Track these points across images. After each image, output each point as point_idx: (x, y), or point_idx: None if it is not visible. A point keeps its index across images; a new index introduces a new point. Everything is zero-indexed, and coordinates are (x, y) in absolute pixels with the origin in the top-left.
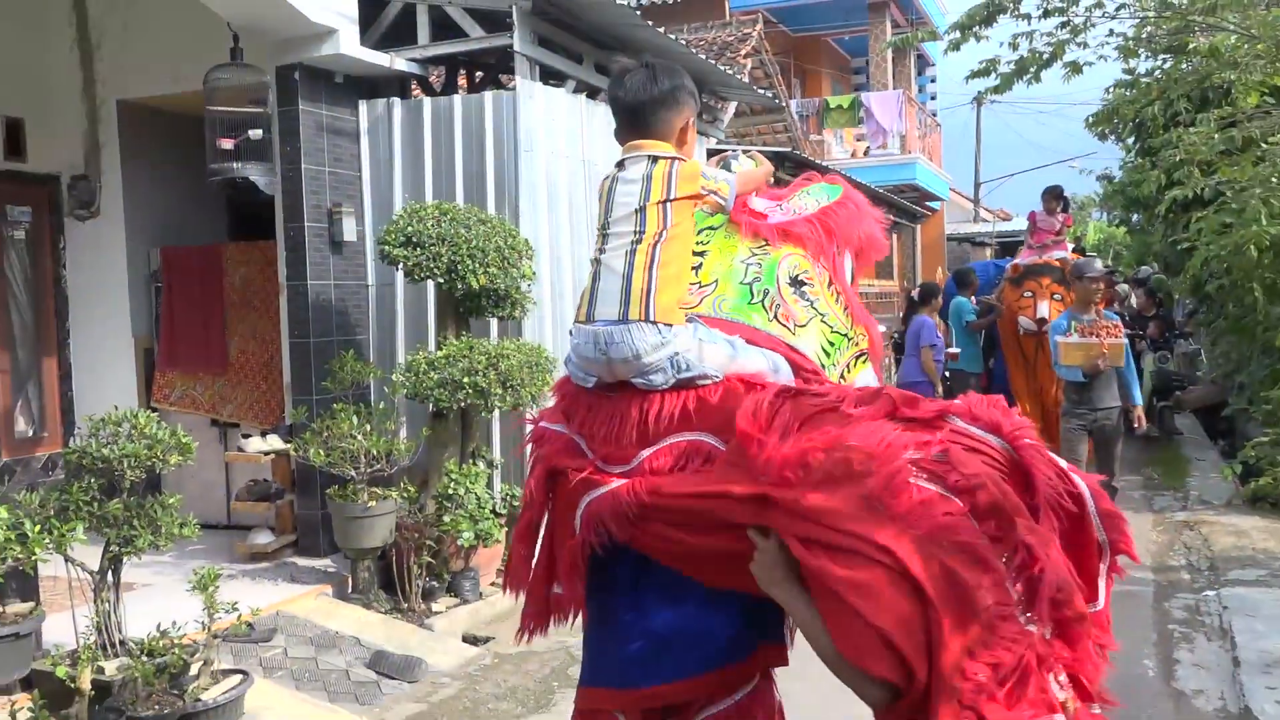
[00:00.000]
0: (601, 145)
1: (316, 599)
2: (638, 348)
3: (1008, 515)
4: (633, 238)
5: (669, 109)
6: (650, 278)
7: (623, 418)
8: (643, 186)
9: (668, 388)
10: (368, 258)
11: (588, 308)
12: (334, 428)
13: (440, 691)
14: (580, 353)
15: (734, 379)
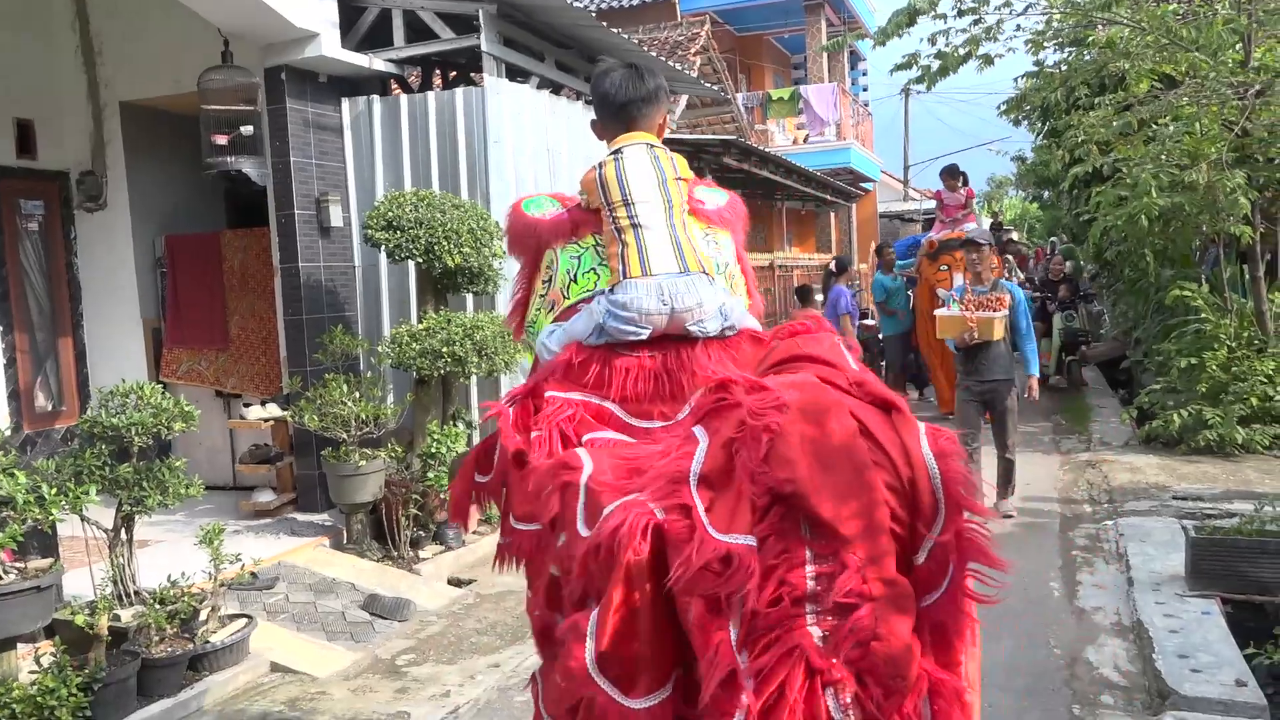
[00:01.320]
0: (564, 136)
1: (315, 550)
2: (701, 296)
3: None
4: (666, 205)
5: (652, 105)
6: (690, 238)
7: (669, 373)
8: (656, 165)
9: (712, 336)
10: (354, 241)
11: (640, 264)
12: (326, 395)
13: (428, 628)
14: (639, 306)
15: (745, 331)
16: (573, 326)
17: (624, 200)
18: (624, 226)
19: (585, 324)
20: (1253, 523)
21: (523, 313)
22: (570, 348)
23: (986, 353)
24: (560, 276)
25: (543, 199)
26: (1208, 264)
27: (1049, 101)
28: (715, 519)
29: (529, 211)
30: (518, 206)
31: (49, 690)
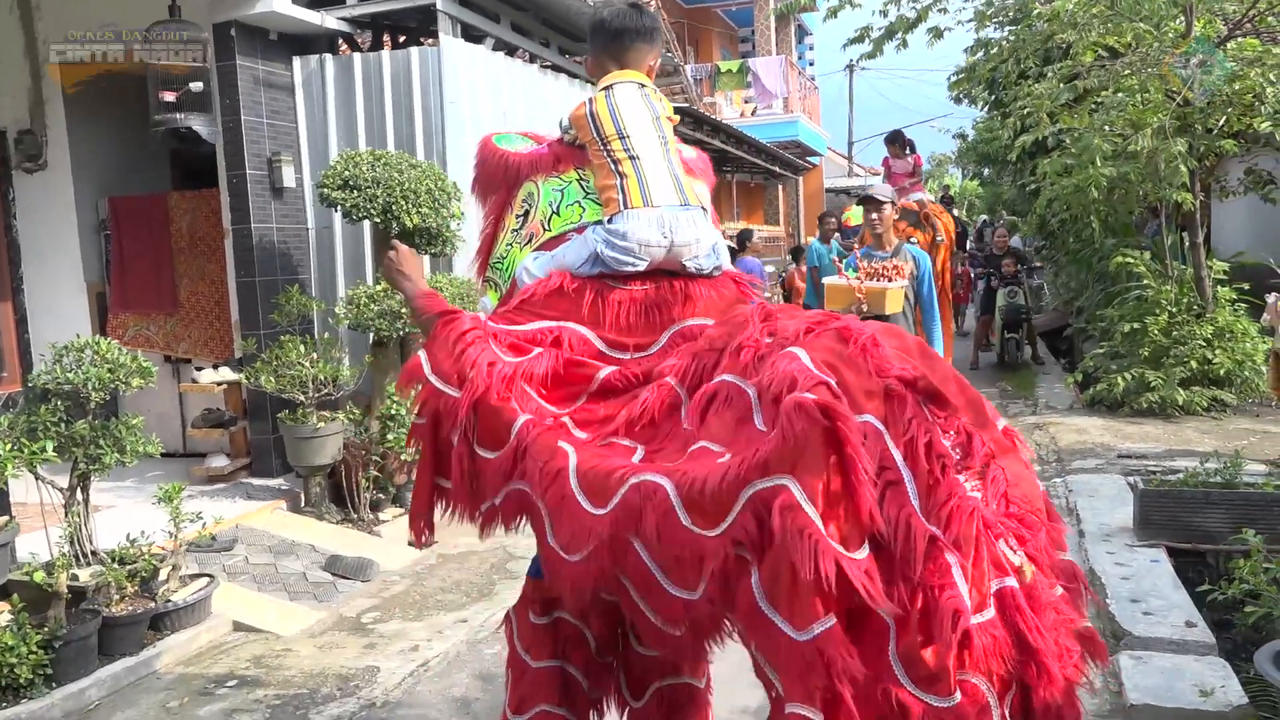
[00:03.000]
0: (519, 99)
1: (272, 513)
2: (700, 231)
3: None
4: (661, 140)
5: (647, 42)
6: (685, 174)
7: (659, 306)
8: (648, 102)
9: (704, 273)
10: (307, 203)
11: (641, 195)
12: (283, 357)
13: (391, 588)
14: (639, 236)
15: (729, 272)
16: (561, 254)
17: (619, 133)
18: (620, 159)
19: (577, 252)
20: (1196, 476)
21: (488, 251)
22: (560, 274)
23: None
24: (541, 209)
25: (512, 135)
26: (1148, 233)
27: (998, 74)
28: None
29: (502, 145)
30: (489, 141)
31: (8, 648)
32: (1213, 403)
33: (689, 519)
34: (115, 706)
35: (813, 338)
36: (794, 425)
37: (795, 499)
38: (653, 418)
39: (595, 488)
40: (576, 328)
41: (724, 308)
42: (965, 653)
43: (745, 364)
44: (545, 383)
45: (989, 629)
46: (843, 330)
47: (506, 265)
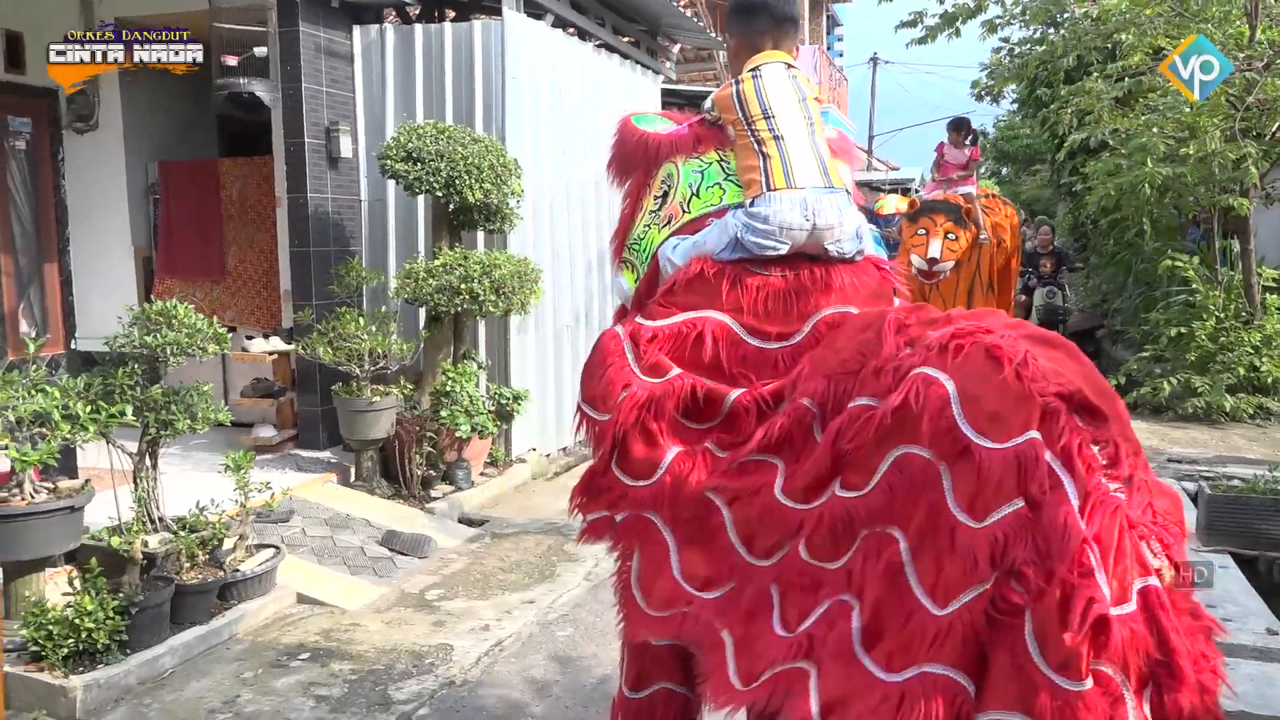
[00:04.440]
0: (574, 77)
1: (324, 485)
2: (843, 214)
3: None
4: (808, 122)
5: (797, 29)
6: (829, 156)
7: (800, 292)
8: (795, 84)
9: (845, 259)
10: (361, 174)
11: (784, 176)
12: (340, 328)
13: (450, 566)
14: (780, 219)
15: (870, 258)
16: (702, 239)
17: (764, 113)
18: (765, 139)
19: (717, 237)
20: (1263, 482)
21: (625, 232)
22: (700, 260)
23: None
24: (681, 190)
25: (651, 115)
26: (1189, 237)
27: (1040, 73)
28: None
29: (641, 125)
30: (628, 120)
31: (86, 612)
32: (1258, 410)
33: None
34: (189, 675)
35: (959, 358)
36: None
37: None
38: (790, 438)
39: (753, 538)
40: (717, 315)
41: (867, 295)
42: (1102, 642)
43: (886, 387)
44: (679, 408)
45: (1129, 622)
46: (993, 349)
47: (644, 246)
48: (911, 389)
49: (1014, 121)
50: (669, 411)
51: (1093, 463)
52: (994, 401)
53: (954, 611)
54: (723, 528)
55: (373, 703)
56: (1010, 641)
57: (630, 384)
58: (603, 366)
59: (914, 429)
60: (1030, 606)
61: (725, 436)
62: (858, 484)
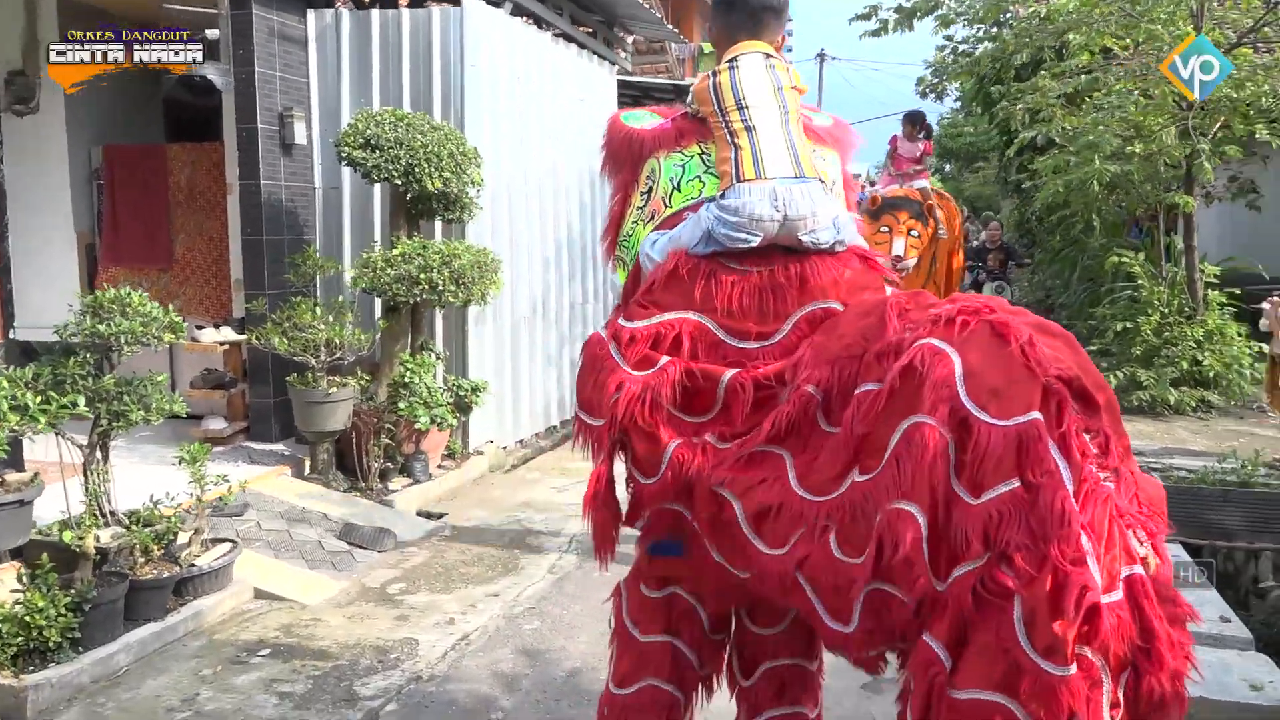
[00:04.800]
0: (534, 66)
1: (278, 478)
2: (815, 204)
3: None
4: (781, 111)
5: (778, 18)
6: (805, 145)
7: (775, 288)
8: (772, 73)
9: (821, 250)
10: (315, 161)
11: (754, 167)
12: (296, 318)
13: (411, 559)
14: (750, 211)
15: (855, 248)
16: (678, 234)
17: (737, 104)
18: (737, 130)
19: (691, 231)
20: (1211, 474)
21: (616, 229)
22: (676, 256)
23: None
24: (663, 184)
25: (641, 113)
26: (1130, 236)
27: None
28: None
29: (629, 123)
30: (617, 119)
31: (37, 609)
32: (1200, 403)
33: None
34: (145, 673)
35: (965, 333)
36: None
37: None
38: (796, 426)
39: (768, 531)
40: (693, 316)
41: (851, 288)
42: (1090, 629)
43: (890, 370)
44: (675, 397)
45: (1116, 609)
46: (999, 325)
47: (632, 243)
48: (917, 355)
49: (957, 119)
50: (665, 400)
51: (1086, 450)
52: (997, 377)
53: (949, 586)
54: (734, 522)
55: (338, 699)
56: (996, 623)
57: (623, 382)
58: (593, 371)
59: (917, 397)
60: (1020, 591)
61: (724, 428)
62: (873, 465)
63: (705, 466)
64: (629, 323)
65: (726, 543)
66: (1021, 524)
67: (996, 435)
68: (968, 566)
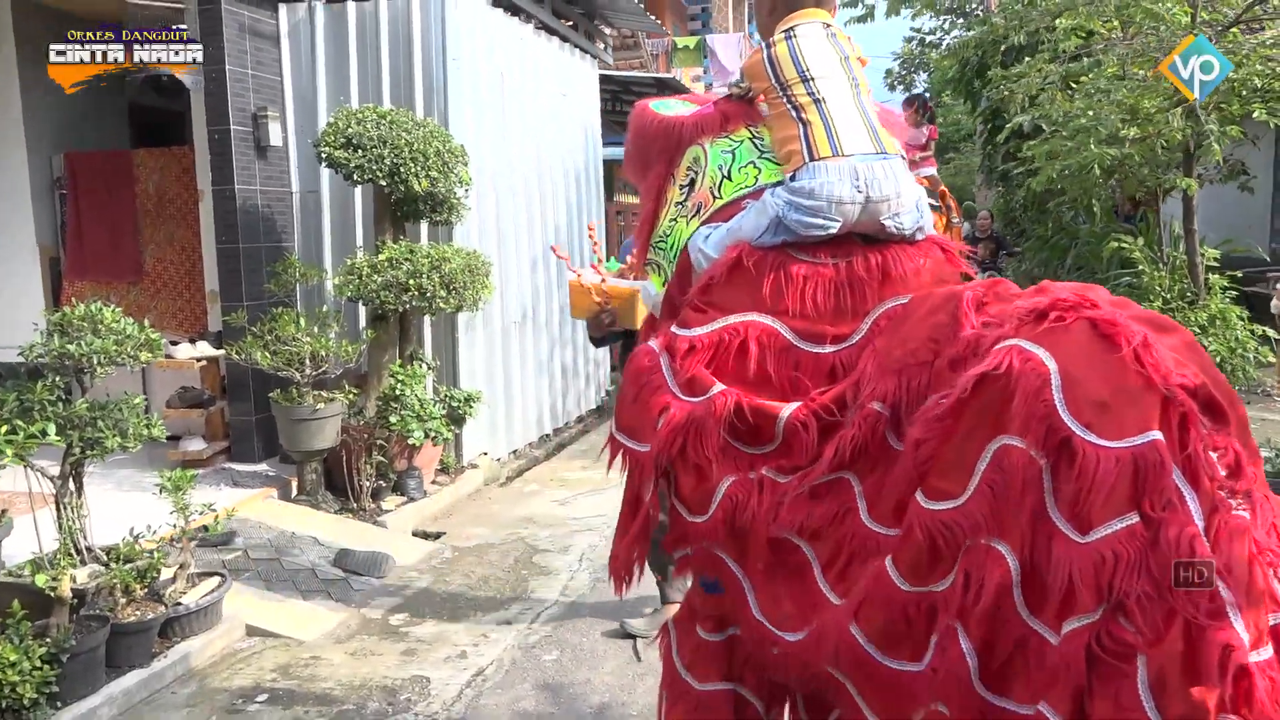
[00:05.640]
0: (515, 59)
1: (264, 501)
2: (900, 184)
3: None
4: (852, 83)
5: None
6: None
7: (854, 283)
8: (836, 43)
9: (906, 235)
10: (292, 163)
11: (829, 143)
12: (278, 330)
13: (413, 585)
14: (829, 193)
15: (932, 238)
16: (739, 225)
17: (801, 76)
18: (804, 104)
19: (755, 221)
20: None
21: (650, 230)
22: (739, 248)
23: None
24: (710, 174)
25: (671, 101)
26: (1123, 220)
27: (971, 58)
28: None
29: (661, 111)
30: (646, 108)
31: (10, 664)
32: None
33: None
34: None
35: (1061, 332)
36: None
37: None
38: (864, 448)
39: (840, 578)
40: (762, 319)
41: (931, 281)
42: (1236, 694)
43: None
44: (724, 427)
45: (1267, 670)
46: (1103, 322)
47: (671, 242)
48: (1002, 359)
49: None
50: (714, 434)
51: (1215, 474)
52: (1104, 388)
53: (1062, 642)
54: (808, 566)
55: None
56: (1115, 689)
57: (668, 405)
58: (636, 387)
59: (1004, 413)
60: (1145, 650)
61: (784, 461)
62: (951, 490)
63: (764, 508)
64: (686, 330)
65: (790, 596)
66: (1142, 568)
67: (1107, 459)
68: (1079, 621)
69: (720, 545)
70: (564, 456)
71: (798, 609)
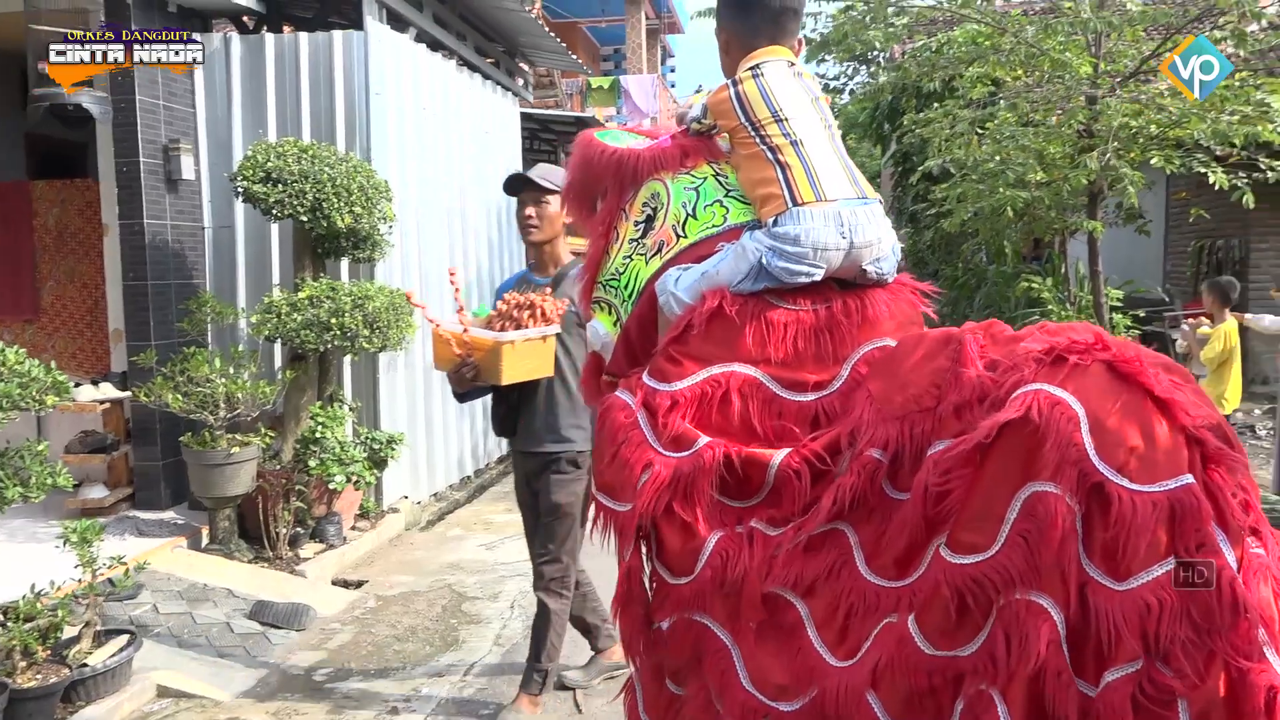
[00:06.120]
0: (439, 94)
1: (173, 552)
2: (881, 229)
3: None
4: (824, 124)
5: (798, 20)
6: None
7: (833, 328)
8: (802, 82)
9: (886, 280)
10: (204, 198)
11: (811, 187)
12: (190, 371)
13: (335, 637)
14: (814, 239)
15: (902, 280)
16: (715, 269)
17: (774, 116)
18: (779, 145)
19: (734, 265)
20: None
21: (596, 268)
22: (719, 295)
23: (527, 405)
24: (673, 211)
25: (616, 132)
26: (1028, 260)
27: (881, 103)
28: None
29: (611, 143)
30: (592, 137)
31: None
32: None
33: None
34: None
35: (1083, 376)
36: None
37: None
38: (862, 498)
39: (838, 635)
40: (743, 369)
41: (902, 323)
42: None
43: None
44: (713, 482)
45: None
46: (1121, 364)
47: (625, 281)
48: (1029, 405)
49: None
50: (703, 490)
51: (1238, 513)
52: (1133, 432)
53: (1100, 694)
54: (800, 625)
55: None
56: None
57: (651, 462)
58: (614, 445)
59: (1034, 459)
60: (1186, 694)
61: (775, 512)
62: (980, 543)
63: (756, 561)
64: (664, 384)
65: (782, 663)
66: (1183, 614)
67: (1144, 504)
68: (1122, 670)
69: (706, 610)
70: (486, 499)
71: (793, 676)
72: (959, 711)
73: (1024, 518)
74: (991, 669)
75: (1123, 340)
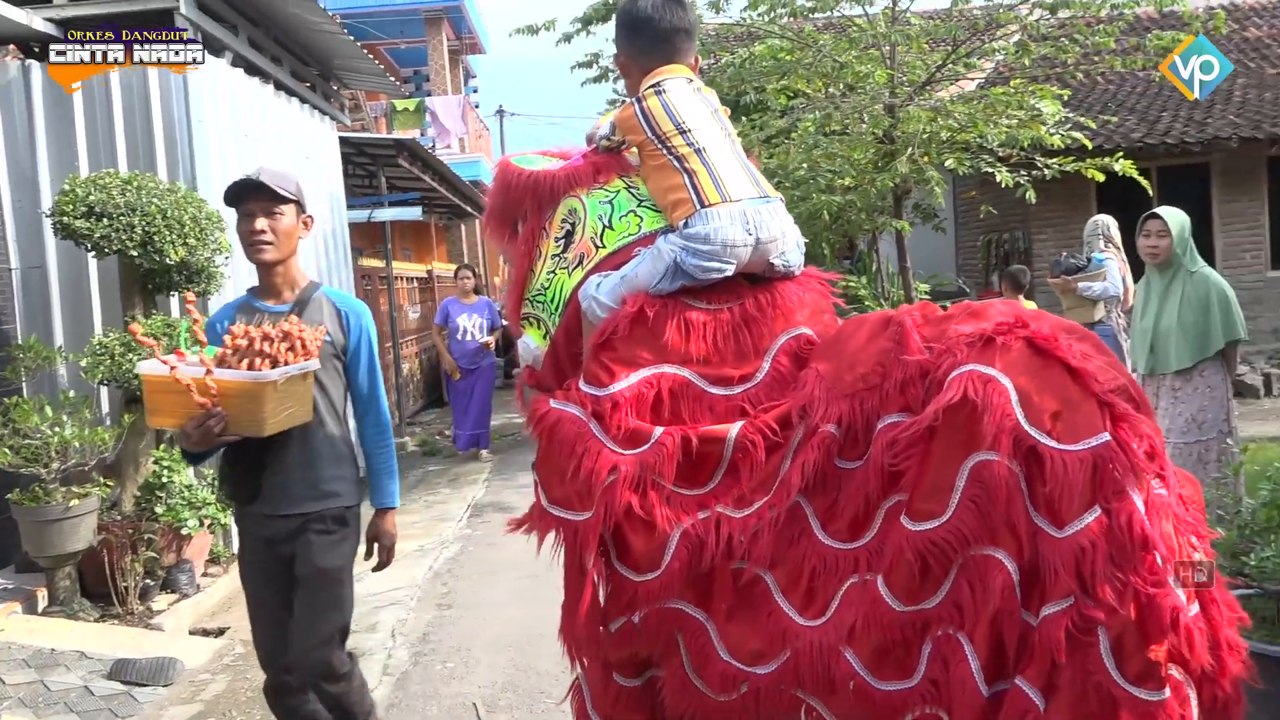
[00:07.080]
0: (260, 120)
1: (8, 619)
2: (784, 224)
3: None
4: (725, 132)
5: (691, 38)
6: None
7: (749, 322)
8: (702, 96)
9: (792, 271)
10: (9, 238)
11: (716, 190)
12: (17, 422)
13: (209, 688)
14: (722, 237)
15: (809, 272)
16: (634, 272)
17: (678, 128)
18: (685, 154)
19: (651, 267)
20: None
21: (523, 287)
22: (638, 299)
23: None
24: (590, 224)
25: (531, 156)
26: (842, 260)
27: None
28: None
29: (527, 167)
30: (510, 163)
31: None
32: None
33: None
34: None
35: (1008, 354)
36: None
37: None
38: (821, 474)
39: (804, 596)
40: (672, 370)
41: (813, 312)
42: (1182, 649)
43: (918, 399)
44: (675, 470)
45: (1197, 624)
46: (1039, 340)
47: (551, 295)
48: (966, 385)
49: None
50: (668, 479)
51: (1142, 460)
52: (1053, 399)
53: (1039, 626)
54: (769, 593)
55: None
56: (1082, 658)
57: (616, 465)
58: (572, 458)
59: (974, 432)
60: (1105, 621)
61: (736, 489)
62: (935, 510)
63: (724, 543)
64: (600, 389)
65: (755, 623)
66: (1106, 553)
67: (1072, 461)
68: (1058, 605)
69: (678, 596)
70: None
71: (766, 640)
72: (926, 654)
73: (972, 484)
74: (958, 616)
75: (1036, 313)
